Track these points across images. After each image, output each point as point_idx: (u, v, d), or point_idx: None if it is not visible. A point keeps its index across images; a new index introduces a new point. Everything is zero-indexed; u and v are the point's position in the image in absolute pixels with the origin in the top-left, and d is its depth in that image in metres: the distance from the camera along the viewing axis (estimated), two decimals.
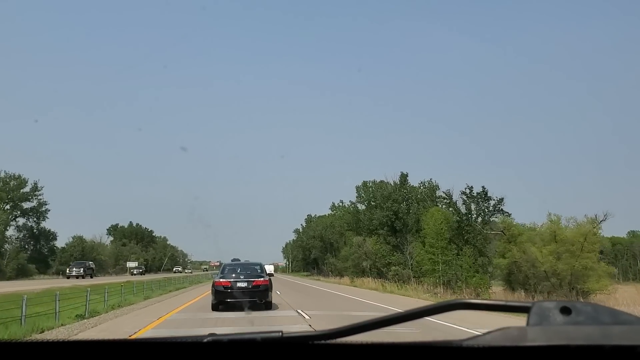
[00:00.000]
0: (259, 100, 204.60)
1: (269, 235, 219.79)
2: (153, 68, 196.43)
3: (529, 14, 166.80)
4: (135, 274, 65.40)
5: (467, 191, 43.51)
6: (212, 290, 15.35)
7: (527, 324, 0.89)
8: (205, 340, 0.94)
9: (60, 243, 73.41)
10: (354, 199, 77.59)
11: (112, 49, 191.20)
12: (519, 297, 31.36)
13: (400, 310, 1.01)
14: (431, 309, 0.98)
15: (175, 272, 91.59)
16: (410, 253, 54.36)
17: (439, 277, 38.68)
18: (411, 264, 53.81)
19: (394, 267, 54.01)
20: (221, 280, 15.11)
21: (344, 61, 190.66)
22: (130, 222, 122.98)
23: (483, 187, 42.89)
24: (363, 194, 69.18)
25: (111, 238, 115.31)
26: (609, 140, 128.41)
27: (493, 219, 42.96)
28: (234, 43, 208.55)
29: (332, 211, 77.92)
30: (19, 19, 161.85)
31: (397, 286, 43.50)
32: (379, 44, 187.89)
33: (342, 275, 72.64)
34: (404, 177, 58.11)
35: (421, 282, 50.18)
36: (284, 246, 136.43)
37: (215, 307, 14.96)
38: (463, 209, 43.80)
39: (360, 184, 70.40)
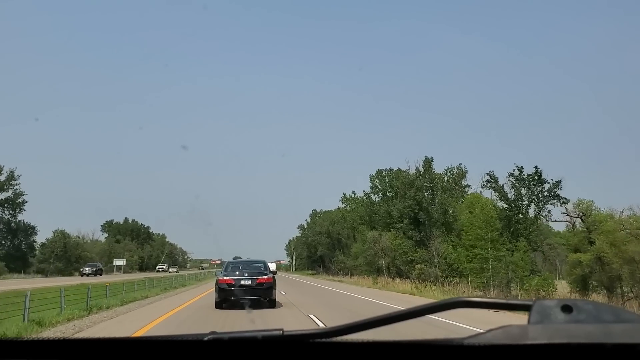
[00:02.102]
0: (259, 99, 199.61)
1: (271, 233, 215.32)
2: (154, 67, 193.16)
3: (526, 13, 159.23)
4: (87, 275, 50.75)
5: (516, 173, 35.07)
6: (215, 288, 14.95)
7: (529, 322, 0.87)
8: (206, 338, 0.94)
9: (42, 238, 64.87)
10: (344, 203, 69.18)
11: (113, 48, 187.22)
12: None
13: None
14: (433, 306, 0.96)
15: (158, 271, 79.16)
16: (436, 249, 45.93)
17: (489, 277, 30.14)
18: (438, 262, 45.47)
19: (418, 266, 45.57)
20: (225, 278, 14.65)
21: (345, 60, 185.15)
22: (126, 218, 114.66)
23: (536, 167, 34.47)
24: (378, 184, 60.57)
25: (106, 235, 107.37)
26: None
27: (548, 205, 34.56)
28: (235, 42, 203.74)
29: (343, 203, 69.24)
30: (21, 20, 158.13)
31: (431, 288, 35.28)
32: (380, 43, 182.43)
33: (351, 274, 64.51)
34: (428, 162, 49.55)
35: (450, 282, 42.00)
36: (287, 243, 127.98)
37: (219, 305, 14.48)
38: (510, 195, 35.40)
39: (373, 173, 61.79)
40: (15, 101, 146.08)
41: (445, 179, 50.08)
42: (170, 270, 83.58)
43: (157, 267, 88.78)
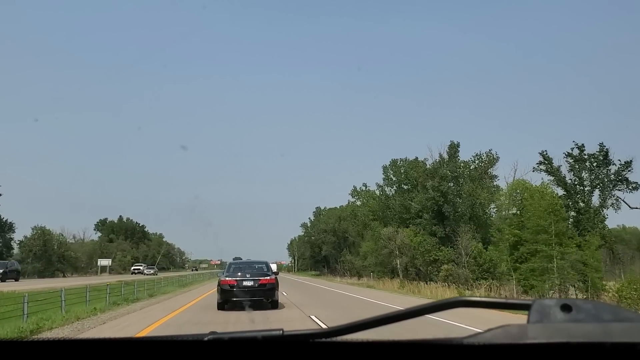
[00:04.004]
0: (258, 99, 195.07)
1: (272, 233, 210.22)
2: (153, 67, 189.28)
3: (525, 13, 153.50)
4: None
5: (576, 152, 28.29)
6: (217, 289, 14.61)
7: (528, 321, 0.86)
8: (206, 338, 0.93)
9: (20, 236, 57.73)
10: (355, 197, 62.11)
11: (112, 48, 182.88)
12: None
13: None
14: (432, 306, 0.95)
15: (134, 273, 65.89)
16: (465, 247, 39.24)
17: (554, 280, 23.35)
18: (467, 261, 38.82)
19: (445, 266, 38.84)
20: (227, 278, 14.33)
21: (344, 60, 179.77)
22: (120, 216, 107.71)
23: (601, 144, 27.71)
24: (392, 176, 53.82)
25: (99, 234, 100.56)
26: None
27: (616, 191, 27.79)
28: (234, 42, 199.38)
29: (353, 197, 62.39)
30: (18, 19, 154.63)
31: (467, 293, 28.68)
32: (379, 43, 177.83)
33: (360, 275, 57.91)
34: (453, 147, 42.74)
35: (481, 285, 35.41)
36: (289, 243, 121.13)
37: (221, 307, 14.21)
38: (569, 179, 28.60)
39: (387, 164, 54.96)
40: (13, 101, 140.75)
41: (472, 167, 43.29)
42: (146, 272, 66.13)
43: (132, 268, 71.26)
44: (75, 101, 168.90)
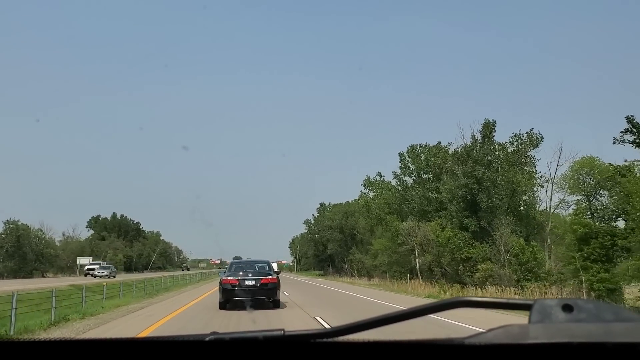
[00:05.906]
0: (259, 99, 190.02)
1: (272, 233, 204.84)
2: (154, 67, 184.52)
3: (526, 11, 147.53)
4: None
5: None
6: (219, 288, 14.52)
7: (529, 321, 0.85)
8: (207, 338, 0.92)
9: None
10: (367, 188, 55.16)
11: (113, 48, 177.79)
12: None
13: None
14: (433, 306, 0.95)
15: (89, 274, 50.80)
16: (505, 243, 32.54)
17: None
18: (507, 260, 32.17)
19: (482, 266, 32.11)
20: (229, 278, 14.23)
21: (345, 59, 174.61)
22: (114, 213, 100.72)
23: None
24: (410, 164, 46.99)
25: (91, 231, 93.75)
26: None
27: None
28: (234, 42, 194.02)
29: (366, 188, 55.52)
30: (19, 18, 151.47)
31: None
32: (380, 42, 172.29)
33: (371, 276, 51.36)
34: (488, 127, 35.86)
35: (531, 289, 28.87)
36: (291, 241, 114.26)
37: (223, 306, 14.19)
38: None
39: (404, 150, 48.07)
40: (12, 97, 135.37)
41: (511, 149, 36.48)
42: (98, 272, 48.59)
43: (86, 269, 53.50)
44: (75, 100, 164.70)
